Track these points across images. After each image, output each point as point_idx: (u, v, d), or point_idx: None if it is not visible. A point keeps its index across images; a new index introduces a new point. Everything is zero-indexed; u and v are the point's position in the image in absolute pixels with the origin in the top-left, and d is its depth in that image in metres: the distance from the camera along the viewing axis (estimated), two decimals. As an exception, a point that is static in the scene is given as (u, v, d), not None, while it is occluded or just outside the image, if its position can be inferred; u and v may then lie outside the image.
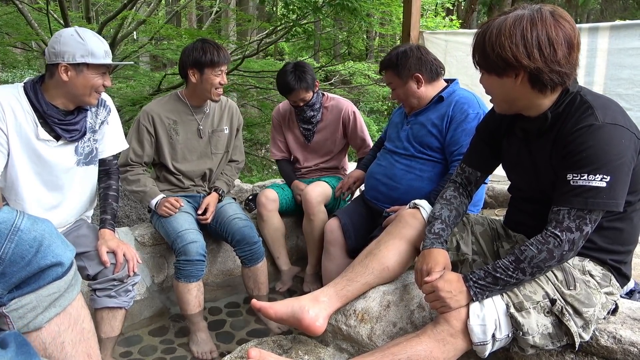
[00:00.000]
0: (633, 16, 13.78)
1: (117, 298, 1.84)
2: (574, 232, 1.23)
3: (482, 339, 1.26)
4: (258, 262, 2.31)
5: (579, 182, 1.22)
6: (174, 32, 5.75)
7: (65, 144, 1.80)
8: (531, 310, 1.28)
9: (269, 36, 6.06)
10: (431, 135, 2.07)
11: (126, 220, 3.03)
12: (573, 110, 1.29)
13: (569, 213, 1.24)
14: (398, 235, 1.57)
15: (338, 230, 2.25)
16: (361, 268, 1.55)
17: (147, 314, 2.27)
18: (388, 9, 4.36)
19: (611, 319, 1.40)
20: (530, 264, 1.25)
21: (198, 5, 8.58)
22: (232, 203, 2.45)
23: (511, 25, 1.21)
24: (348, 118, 2.69)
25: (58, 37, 1.70)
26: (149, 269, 2.40)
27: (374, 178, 2.24)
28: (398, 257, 1.56)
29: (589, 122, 1.23)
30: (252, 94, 7.16)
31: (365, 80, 8.36)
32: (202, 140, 2.38)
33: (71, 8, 9.07)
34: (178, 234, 2.13)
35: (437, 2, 7.81)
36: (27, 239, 1.12)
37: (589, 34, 3.54)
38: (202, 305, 2.18)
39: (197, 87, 2.27)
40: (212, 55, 2.19)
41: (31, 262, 1.12)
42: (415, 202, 1.66)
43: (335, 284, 1.54)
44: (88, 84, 1.73)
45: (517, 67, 1.23)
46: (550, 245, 1.24)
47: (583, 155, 1.22)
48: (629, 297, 1.84)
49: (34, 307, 1.16)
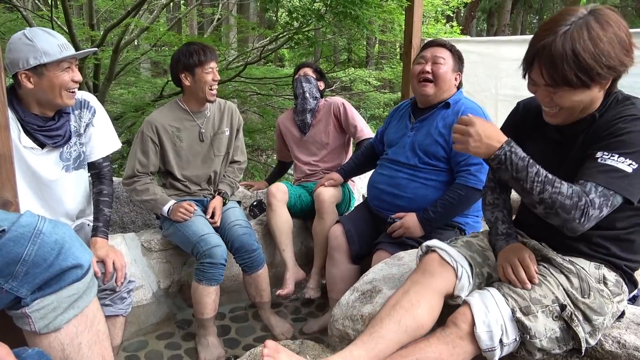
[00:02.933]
0: (632, 24, 13.86)
1: (112, 306, 1.78)
2: (595, 209, 1.20)
3: (489, 345, 1.27)
4: (258, 269, 2.31)
5: (607, 161, 1.22)
6: (175, 39, 5.79)
7: (50, 151, 1.76)
8: (539, 313, 1.29)
9: (271, 43, 6.09)
10: (437, 145, 2.06)
11: (132, 226, 3.05)
12: (615, 106, 1.30)
13: (596, 188, 1.21)
14: (429, 288, 1.40)
15: (342, 236, 2.26)
16: (391, 324, 1.35)
17: (153, 319, 2.29)
18: (390, 17, 4.39)
19: (615, 324, 1.42)
20: (553, 194, 1.21)
21: (199, 13, 8.63)
22: (236, 208, 2.47)
23: (597, 29, 1.17)
24: (338, 109, 2.85)
25: (9, 45, 1.62)
26: (155, 274, 2.41)
27: (377, 188, 2.22)
28: (432, 314, 1.38)
29: (631, 112, 1.25)
30: (254, 101, 7.19)
31: (365, 87, 8.39)
32: (205, 144, 2.41)
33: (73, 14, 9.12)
34: (201, 237, 2.15)
35: (437, 10, 7.86)
36: (49, 241, 1.17)
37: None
38: (216, 309, 2.20)
39: (192, 90, 2.32)
40: (199, 54, 2.25)
41: (53, 264, 1.17)
42: (427, 244, 1.50)
43: (364, 343, 1.33)
44: (54, 84, 1.65)
45: (611, 73, 1.21)
46: (580, 202, 1.19)
47: (618, 139, 1.23)
48: (633, 302, 1.86)
49: (55, 308, 1.21)
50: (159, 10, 6.27)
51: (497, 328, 1.27)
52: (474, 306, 1.31)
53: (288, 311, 2.41)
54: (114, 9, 6.48)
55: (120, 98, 7.26)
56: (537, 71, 1.24)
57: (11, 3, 4.99)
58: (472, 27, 15.76)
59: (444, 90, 2.12)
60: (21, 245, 1.15)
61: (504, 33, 13.24)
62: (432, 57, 2.11)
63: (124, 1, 6.04)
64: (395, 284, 1.65)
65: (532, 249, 1.49)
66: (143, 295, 2.30)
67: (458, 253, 1.45)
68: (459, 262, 1.42)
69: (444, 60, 2.10)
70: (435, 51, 2.13)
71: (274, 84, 6.80)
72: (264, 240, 2.71)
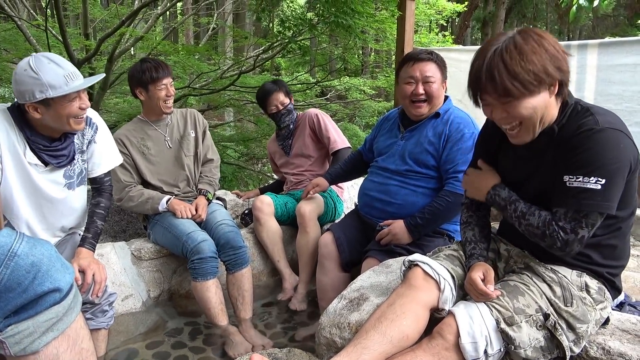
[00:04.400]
0: (624, 32, 14.00)
1: (94, 320, 1.75)
2: (568, 234, 1.26)
3: (474, 356, 1.27)
4: (242, 267, 2.32)
5: (574, 184, 1.25)
6: (170, 48, 5.81)
7: (53, 170, 1.76)
8: (523, 324, 1.29)
9: (265, 52, 6.13)
10: (427, 153, 2.08)
11: (122, 235, 3.05)
12: (575, 118, 1.32)
13: (565, 214, 1.28)
14: (414, 300, 1.42)
15: (332, 244, 2.27)
16: (377, 335, 1.36)
17: (142, 328, 2.27)
18: (382, 26, 4.43)
19: (600, 330, 1.42)
20: (527, 225, 1.35)
21: (195, 22, 8.67)
22: (221, 209, 2.52)
23: (521, 43, 1.25)
24: (312, 121, 2.90)
25: (15, 75, 1.60)
26: (145, 283, 2.41)
27: (368, 195, 2.23)
28: (416, 325, 1.40)
29: (589, 126, 1.26)
30: (249, 109, 7.20)
31: (360, 96, 8.42)
32: (173, 149, 2.52)
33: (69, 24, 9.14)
34: (188, 235, 2.22)
35: (430, 19, 7.93)
36: (23, 264, 1.09)
37: (578, 50, 3.62)
38: (223, 302, 2.24)
39: (148, 104, 2.45)
40: (151, 72, 2.34)
41: (28, 289, 1.09)
42: (410, 259, 1.51)
43: (349, 354, 1.34)
44: (62, 114, 1.64)
45: (548, 80, 1.26)
46: (547, 230, 1.29)
47: (579, 158, 1.25)
48: (619, 309, 1.87)
49: (31, 333, 1.14)
50: (153, 19, 6.30)
51: (481, 339, 1.28)
52: (459, 317, 1.31)
53: (278, 320, 2.40)
54: (109, 18, 6.51)
55: (115, 107, 7.27)
56: (484, 90, 1.30)
57: (5, 13, 5.00)
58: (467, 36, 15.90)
59: (436, 103, 2.14)
60: None
61: (498, 42, 13.32)
62: (423, 77, 2.08)
63: (119, 11, 6.08)
64: (382, 292, 1.66)
65: (515, 256, 1.52)
66: (133, 304, 2.30)
67: (441, 266, 1.47)
68: (442, 275, 1.44)
69: (434, 78, 2.08)
70: (424, 68, 2.08)
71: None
72: (255, 249, 2.71)
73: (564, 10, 11.98)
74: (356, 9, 3.83)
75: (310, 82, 7.50)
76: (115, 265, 2.32)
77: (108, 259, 2.30)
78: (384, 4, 4.56)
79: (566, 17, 14.18)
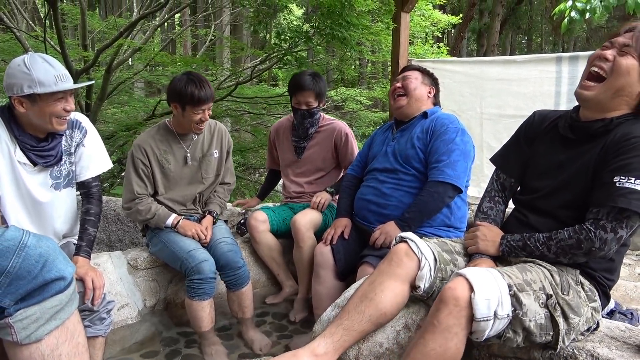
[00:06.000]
0: (617, 44, 14.11)
1: (91, 327, 1.74)
2: (608, 233, 1.31)
3: (485, 314, 1.25)
4: (242, 286, 2.32)
5: (625, 184, 1.30)
6: (168, 59, 5.86)
7: (41, 170, 1.80)
8: (531, 294, 1.32)
9: (262, 63, 6.18)
10: (415, 148, 2.14)
11: (119, 244, 3.06)
12: (629, 123, 1.38)
13: (608, 213, 1.32)
14: (393, 276, 1.50)
15: (328, 253, 2.28)
16: (357, 315, 1.47)
17: (138, 338, 2.28)
18: (377, 38, 4.49)
19: (590, 337, 1.45)
20: (558, 244, 1.37)
21: (193, 34, 8.75)
22: (221, 226, 2.49)
23: None
24: (340, 138, 2.75)
25: (8, 69, 1.66)
26: (141, 292, 2.41)
27: (364, 199, 2.26)
28: (394, 300, 1.49)
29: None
30: (246, 120, 7.26)
31: (357, 106, 8.50)
32: (191, 167, 2.42)
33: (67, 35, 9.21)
34: (188, 252, 2.17)
35: (425, 31, 8.02)
36: (33, 254, 1.22)
37: (569, 62, 3.68)
38: (214, 321, 2.23)
39: (179, 119, 2.32)
40: (194, 94, 2.20)
41: (37, 276, 1.22)
42: (401, 235, 1.60)
43: (332, 335, 1.46)
44: (45, 112, 1.68)
45: None
46: (581, 235, 1.33)
47: (634, 160, 1.30)
48: (610, 317, 1.90)
49: (37, 319, 1.25)
50: (151, 31, 6.37)
51: (494, 298, 1.27)
52: (470, 275, 1.30)
53: (273, 328, 2.41)
54: (107, 30, 6.56)
55: (113, 117, 7.30)
56: (629, 35, 1.37)
57: (4, 24, 5.04)
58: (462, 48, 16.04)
59: (418, 101, 2.25)
60: (6, 258, 1.19)
61: (493, 53, 13.49)
62: (402, 77, 2.33)
63: (117, 22, 6.14)
64: (376, 300, 1.68)
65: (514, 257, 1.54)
66: (128, 313, 2.30)
67: (426, 246, 1.54)
68: (425, 254, 1.51)
69: (413, 77, 2.30)
70: (406, 73, 2.34)
71: (265, 103, 6.87)
72: (251, 258, 2.72)
73: (557, 22, 12.13)
74: (351, 22, 3.90)
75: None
76: (112, 275, 2.33)
77: (104, 269, 2.31)
78: (379, 16, 4.63)
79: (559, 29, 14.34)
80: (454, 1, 15.15)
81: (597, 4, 3.53)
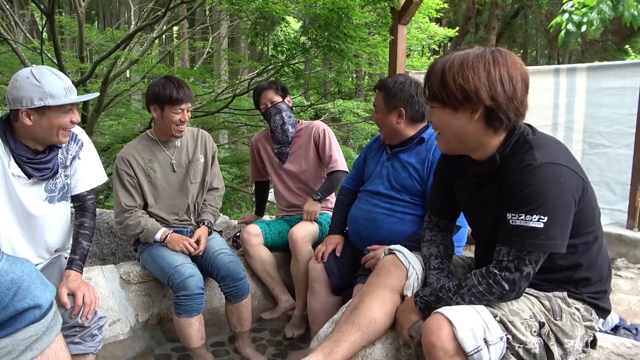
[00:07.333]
0: (612, 57, 14.27)
1: (82, 344, 1.70)
2: (513, 273, 1.24)
3: (474, 345, 1.20)
4: (243, 298, 2.29)
5: (517, 222, 1.23)
6: (165, 71, 5.84)
7: (36, 183, 1.76)
8: (518, 324, 1.25)
9: (260, 75, 6.18)
10: (413, 179, 2.06)
11: (112, 257, 3.00)
12: (516, 151, 1.30)
13: (508, 253, 1.25)
14: (381, 285, 1.50)
15: (321, 269, 2.24)
16: (347, 325, 1.45)
17: (130, 354, 2.22)
18: (374, 50, 4.50)
19: (595, 354, 1.40)
20: (469, 292, 1.28)
21: (191, 46, 8.77)
22: (218, 238, 2.45)
23: (474, 59, 1.24)
24: (318, 135, 2.73)
25: (14, 81, 1.63)
26: (133, 307, 2.36)
27: (356, 223, 2.21)
28: (383, 307, 1.47)
29: (527, 162, 1.24)
30: (243, 132, 7.23)
31: (354, 118, 8.49)
32: (178, 174, 2.39)
33: (65, 47, 9.22)
34: (175, 268, 2.13)
35: (422, 44, 8.07)
36: (4, 281, 1.11)
37: (567, 74, 3.68)
38: (204, 338, 2.18)
39: (159, 123, 2.31)
40: (172, 92, 2.20)
41: (8, 306, 1.11)
42: (390, 247, 1.60)
43: (323, 348, 1.44)
44: (53, 124, 1.67)
45: (476, 102, 1.24)
46: (490, 280, 1.26)
47: (521, 195, 1.22)
48: (614, 333, 1.85)
49: (9, 352, 1.14)
50: (149, 43, 6.36)
51: (478, 326, 1.21)
52: (446, 311, 1.25)
53: (269, 344, 2.35)
54: (105, 42, 6.56)
55: (110, 129, 7.27)
56: (424, 87, 1.36)
57: (2, 36, 5.03)
58: (459, 60, 16.09)
59: (396, 132, 2.13)
60: None
61: (490, 66, 13.52)
62: (374, 104, 2.21)
63: (114, 35, 6.13)
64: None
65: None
66: (120, 329, 2.25)
67: (415, 257, 1.52)
68: (413, 264, 1.50)
69: (377, 108, 2.17)
70: (376, 96, 2.19)
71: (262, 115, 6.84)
72: (246, 272, 2.67)
73: (553, 35, 12.23)
74: (349, 34, 3.90)
75: (305, 105, 7.56)
76: (103, 289, 2.28)
77: (96, 283, 2.26)
78: (376, 29, 4.64)
79: (555, 42, 14.46)
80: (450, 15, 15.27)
81: (594, 17, 3.53)
